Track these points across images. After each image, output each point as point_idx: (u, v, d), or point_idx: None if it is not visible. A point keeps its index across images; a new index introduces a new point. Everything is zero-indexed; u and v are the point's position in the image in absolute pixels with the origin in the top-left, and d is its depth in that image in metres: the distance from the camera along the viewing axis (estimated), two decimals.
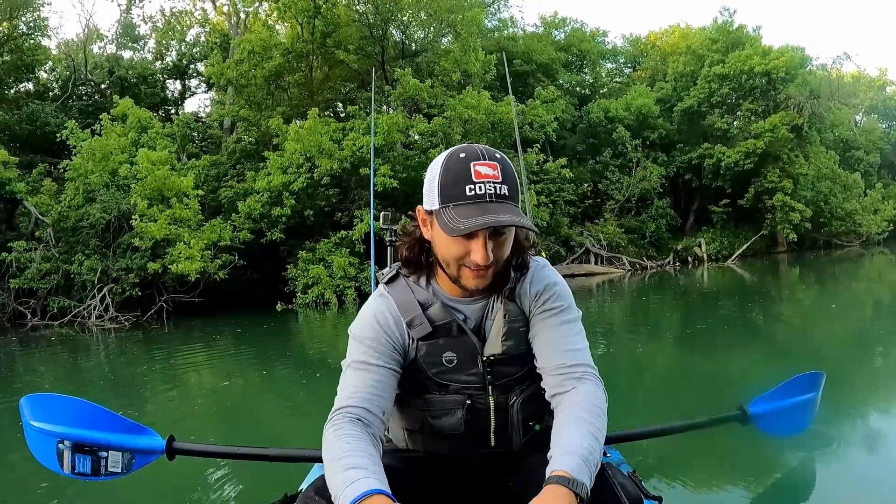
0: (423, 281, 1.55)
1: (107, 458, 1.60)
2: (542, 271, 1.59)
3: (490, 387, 1.53)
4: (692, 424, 2.00)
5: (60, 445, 1.56)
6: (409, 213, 1.60)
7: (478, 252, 1.35)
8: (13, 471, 3.81)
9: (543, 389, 1.52)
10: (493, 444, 1.57)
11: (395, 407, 1.54)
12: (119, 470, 1.62)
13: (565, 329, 1.53)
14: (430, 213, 1.41)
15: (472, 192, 1.32)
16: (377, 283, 1.64)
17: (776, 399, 2.11)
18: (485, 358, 1.51)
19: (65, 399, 1.69)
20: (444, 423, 1.53)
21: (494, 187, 1.33)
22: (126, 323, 13.41)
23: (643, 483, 1.66)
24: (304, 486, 1.73)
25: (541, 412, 1.58)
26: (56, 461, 1.58)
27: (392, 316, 1.49)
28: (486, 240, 1.35)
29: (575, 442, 1.28)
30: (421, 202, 1.46)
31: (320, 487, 1.32)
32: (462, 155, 1.37)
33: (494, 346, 1.51)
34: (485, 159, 1.35)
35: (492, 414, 1.54)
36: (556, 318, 1.53)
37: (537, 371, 1.52)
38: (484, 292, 1.51)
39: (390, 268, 1.62)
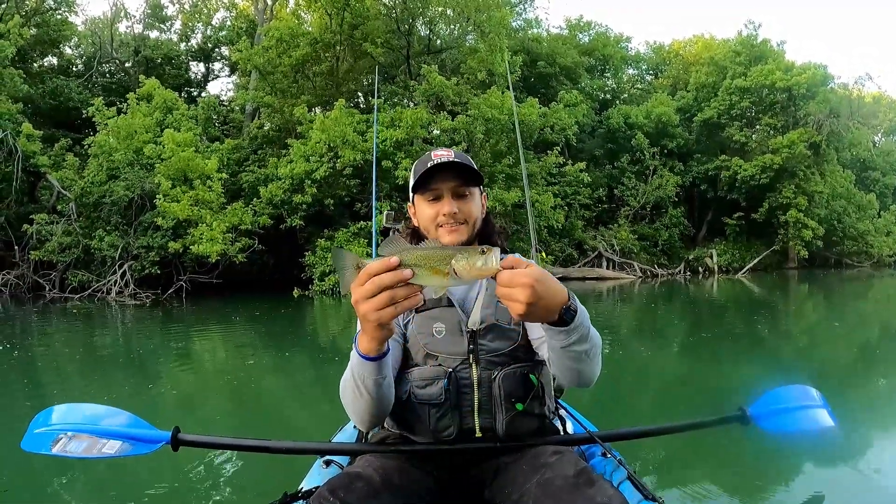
0: None
1: (105, 444, 1.60)
2: (532, 264, 1.77)
3: (474, 360, 1.62)
4: (692, 424, 1.96)
5: (60, 435, 1.57)
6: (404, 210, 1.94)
7: (445, 206, 1.68)
8: (15, 462, 3.80)
9: (527, 367, 1.64)
10: (477, 429, 1.61)
11: None
12: (113, 452, 1.60)
13: None
14: (412, 201, 1.79)
15: (432, 165, 1.67)
16: None
17: (777, 401, 2.10)
18: (468, 330, 1.62)
19: (81, 405, 1.71)
20: (426, 393, 1.59)
21: (447, 158, 1.68)
22: (147, 300, 13.57)
23: (643, 483, 1.67)
24: (304, 484, 1.75)
25: (524, 393, 1.63)
26: (49, 447, 1.56)
27: None
28: (450, 198, 1.68)
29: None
30: None
31: (335, 488, 1.40)
32: (427, 152, 1.75)
33: (475, 315, 1.63)
34: (441, 149, 1.73)
35: (475, 388, 1.61)
36: None
37: (535, 340, 1.64)
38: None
39: None
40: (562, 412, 2.13)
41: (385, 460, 1.58)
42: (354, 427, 2.19)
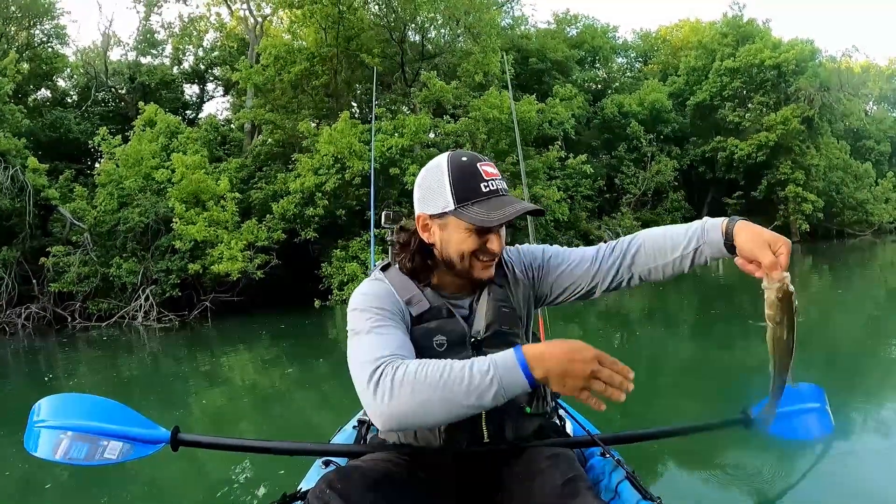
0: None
1: (106, 447, 1.58)
2: (516, 248, 1.76)
3: None
4: (694, 427, 1.92)
5: (61, 435, 1.55)
6: (406, 212, 1.82)
7: (494, 242, 1.51)
8: (17, 466, 3.97)
9: None
10: (486, 436, 1.55)
11: None
12: (115, 457, 1.58)
13: (570, 251, 1.72)
14: (437, 215, 1.52)
15: (487, 189, 1.48)
16: None
17: (780, 403, 1.92)
18: (472, 339, 1.55)
19: (76, 396, 1.69)
20: None
21: (500, 183, 1.51)
22: (176, 322, 13.79)
23: (642, 483, 1.66)
24: (303, 485, 1.74)
25: (532, 397, 1.60)
26: (51, 451, 1.53)
27: (393, 295, 1.55)
28: (499, 234, 1.53)
29: (692, 225, 1.54)
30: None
31: (332, 481, 1.37)
32: (464, 159, 1.51)
33: (479, 324, 1.56)
34: (485, 161, 1.53)
35: None
36: (561, 253, 1.72)
37: (590, 285, 1.66)
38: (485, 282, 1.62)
39: (383, 259, 1.76)
40: (561, 412, 2.14)
41: (383, 456, 1.56)
42: (353, 428, 2.23)
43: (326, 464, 1.82)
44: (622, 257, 1.62)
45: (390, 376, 1.27)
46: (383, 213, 3.61)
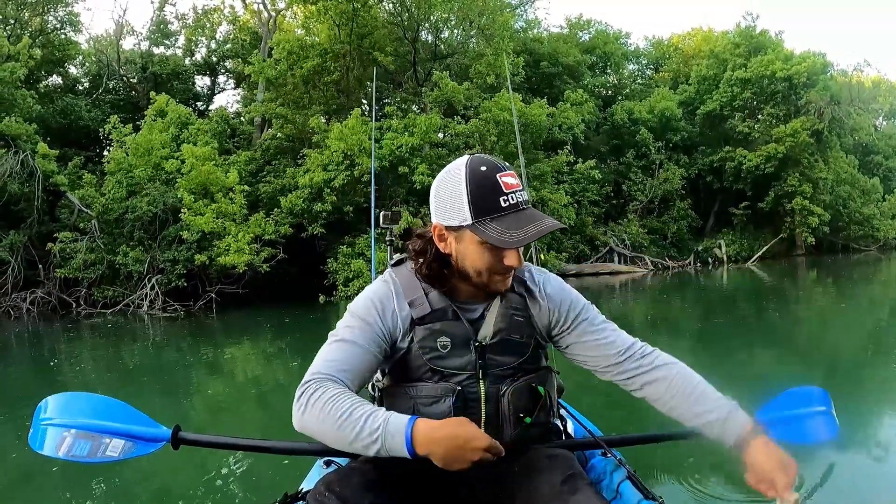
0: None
1: (108, 445, 1.58)
2: (552, 281, 1.65)
3: (481, 375, 1.52)
4: (696, 431, 1.81)
5: (65, 433, 1.56)
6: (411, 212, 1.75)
7: (513, 257, 1.44)
8: (20, 465, 4.00)
9: (534, 378, 1.58)
10: None
11: (386, 397, 1.61)
12: (116, 454, 1.58)
13: (604, 326, 1.61)
14: (454, 228, 1.45)
15: (507, 203, 1.39)
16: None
17: (785, 407, 1.96)
18: (477, 343, 1.52)
19: (81, 395, 1.68)
20: (433, 411, 1.49)
21: (521, 195, 1.42)
22: (181, 312, 13.85)
23: (643, 483, 1.65)
24: (304, 485, 1.74)
25: (532, 405, 1.57)
26: (55, 448, 1.55)
27: (392, 300, 1.52)
28: (518, 249, 1.44)
29: (722, 399, 1.52)
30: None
31: (331, 482, 1.37)
32: (483, 168, 1.41)
33: (487, 329, 1.53)
34: (505, 170, 1.42)
35: (482, 404, 1.52)
36: (597, 321, 1.61)
37: (601, 369, 1.58)
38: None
39: (399, 254, 1.71)
40: (562, 412, 2.11)
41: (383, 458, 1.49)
42: None
43: (328, 464, 1.81)
44: (647, 370, 1.55)
45: (309, 394, 1.35)
46: (382, 214, 3.51)
